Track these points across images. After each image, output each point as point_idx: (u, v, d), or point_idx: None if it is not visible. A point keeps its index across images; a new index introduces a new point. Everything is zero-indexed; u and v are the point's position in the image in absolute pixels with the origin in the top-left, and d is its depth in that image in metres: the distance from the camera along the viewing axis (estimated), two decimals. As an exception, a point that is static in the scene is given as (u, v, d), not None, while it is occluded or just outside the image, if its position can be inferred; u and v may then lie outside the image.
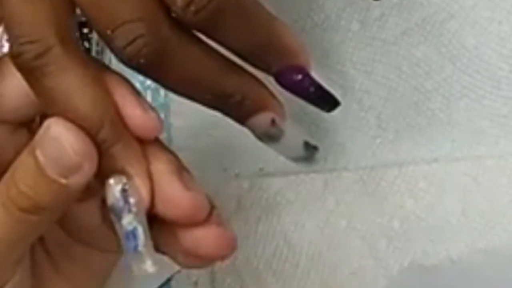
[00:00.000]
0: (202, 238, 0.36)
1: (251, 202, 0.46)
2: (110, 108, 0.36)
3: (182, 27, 0.36)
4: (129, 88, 0.37)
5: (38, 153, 0.35)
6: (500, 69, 0.44)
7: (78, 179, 0.35)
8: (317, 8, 0.45)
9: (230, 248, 0.37)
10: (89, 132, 0.35)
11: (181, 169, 0.37)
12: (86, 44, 0.48)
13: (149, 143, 0.37)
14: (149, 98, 0.48)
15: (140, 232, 0.35)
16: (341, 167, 0.45)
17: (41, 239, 0.41)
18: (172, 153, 0.38)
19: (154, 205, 0.36)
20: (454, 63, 0.44)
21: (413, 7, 0.45)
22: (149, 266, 0.35)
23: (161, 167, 0.36)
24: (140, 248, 0.35)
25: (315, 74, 0.39)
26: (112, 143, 0.35)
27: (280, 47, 0.38)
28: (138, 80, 0.45)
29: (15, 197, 0.35)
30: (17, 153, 0.36)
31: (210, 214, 0.37)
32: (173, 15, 0.35)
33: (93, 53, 0.48)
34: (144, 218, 0.36)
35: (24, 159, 0.36)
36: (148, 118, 0.36)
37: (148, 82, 0.47)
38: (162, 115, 0.48)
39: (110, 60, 0.46)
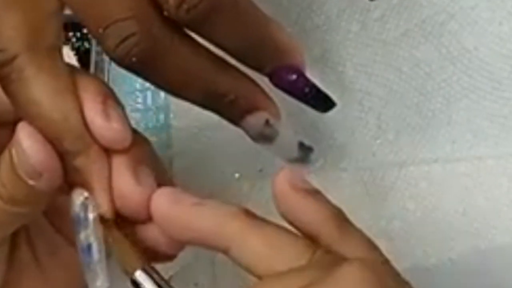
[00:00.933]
0: (149, 234, 0.37)
1: (251, 203, 0.46)
2: (74, 120, 0.36)
3: (174, 25, 0.36)
4: (100, 97, 0.37)
5: (13, 152, 0.36)
6: (500, 69, 0.44)
7: (42, 184, 0.35)
8: (318, 9, 0.45)
9: (174, 247, 0.38)
10: (52, 142, 0.35)
11: (138, 164, 0.37)
12: (86, 44, 0.48)
13: None
14: (149, 99, 0.48)
15: (95, 249, 0.35)
16: (341, 168, 0.45)
17: (27, 232, 0.41)
18: (136, 140, 0.37)
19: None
20: (454, 64, 0.44)
21: (413, 8, 0.45)
22: (100, 283, 0.35)
23: (119, 160, 0.37)
24: (93, 264, 0.35)
25: (310, 74, 0.39)
26: (75, 155, 0.36)
27: (274, 46, 0.37)
28: (138, 81, 0.46)
29: None
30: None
31: None
32: (165, 13, 0.35)
33: (93, 53, 0.48)
34: (101, 235, 0.36)
35: (5, 154, 0.36)
36: (112, 130, 0.36)
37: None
38: (162, 116, 0.48)
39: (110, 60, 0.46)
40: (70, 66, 0.37)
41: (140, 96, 0.48)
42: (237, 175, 0.47)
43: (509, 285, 0.43)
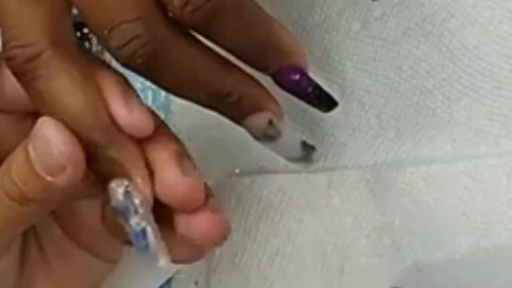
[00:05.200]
0: (196, 223, 0.37)
1: (251, 199, 0.46)
2: (102, 111, 0.36)
3: (179, 27, 0.36)
4: (121, 87, 0.37)
5: (30, 148, 0.35)
6: (501, 68, 0.44)
7: (64, 179, 0.35)
8: (318, 7, 0.46)
9: (222, 234, 0.38)
10: (81, 135, 0.35)
11: (181, 155, 0.37)
12: (86, 44, 0.48)
13: None
14: (149, 98, 0.48)
15: (149, 231, 0.36)
16: (341, 166, 0.45)
17: (36, 236, 0.41)
18: (173, 138, 0.38)
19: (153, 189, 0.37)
20: (454, 63, 0.44)
21: (413, 7, 0.45)
22: (161, 261, 0.36)
23: (160, 152, 0.37)
24: (151, 246, 0.36)
25: (313, 74, 0.39)
26: (106, 146, 0.36)
27: (277, 46, 0.37)
28: (139, 80, 0.45)
29: (6, 186, 0.36)
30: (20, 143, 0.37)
31: (206, 201, 0.37)
32: (170, 15, 0.35)
33: (93, 53, 0.48)
34: (151, 216, 0.36)
35: (18, 151, 0.36)
36: (135, 119, 0.36)
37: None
38: (162, 115, 0.48)
39: (110, 60, 0.46)
40: (87, 57, 0.38)
41: (140, 95, 0.48)
42: (237, 171, 0.47)
43: (510, 283, 0.43)
